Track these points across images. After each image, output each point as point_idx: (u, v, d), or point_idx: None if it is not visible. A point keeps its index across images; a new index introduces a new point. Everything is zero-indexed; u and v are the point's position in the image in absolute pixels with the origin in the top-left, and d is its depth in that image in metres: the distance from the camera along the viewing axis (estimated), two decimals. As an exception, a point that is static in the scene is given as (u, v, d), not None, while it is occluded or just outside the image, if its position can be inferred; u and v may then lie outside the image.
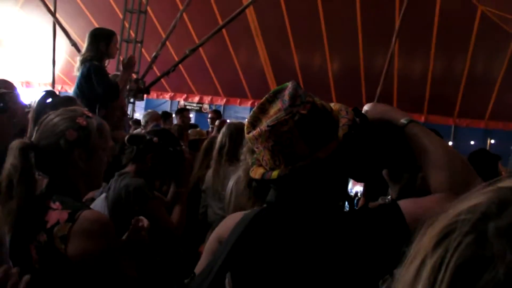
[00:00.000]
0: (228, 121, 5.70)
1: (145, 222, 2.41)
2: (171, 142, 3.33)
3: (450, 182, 1.47)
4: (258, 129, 1.53)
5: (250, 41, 15.08)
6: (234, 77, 16.13)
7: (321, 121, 1.51)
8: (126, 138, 3.36)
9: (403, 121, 1.61)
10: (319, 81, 15.62)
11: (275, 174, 1.52)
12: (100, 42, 5.47)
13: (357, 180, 1.77)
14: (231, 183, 2.89)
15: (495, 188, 0.61)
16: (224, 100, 16.99)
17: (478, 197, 0.61)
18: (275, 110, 1.52)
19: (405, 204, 1.48)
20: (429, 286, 0.57)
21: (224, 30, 11.44)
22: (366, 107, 1.70)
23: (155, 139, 3.29)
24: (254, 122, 1.57)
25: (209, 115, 10.87)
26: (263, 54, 15.50)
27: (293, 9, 14.37)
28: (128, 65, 5.88)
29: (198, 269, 1.66)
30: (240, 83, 16.31)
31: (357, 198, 7.09)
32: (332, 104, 1.64)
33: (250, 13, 14.01)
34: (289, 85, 1.56)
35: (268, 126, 1.50)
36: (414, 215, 1.42)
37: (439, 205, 1.31)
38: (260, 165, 1.60)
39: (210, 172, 4.27)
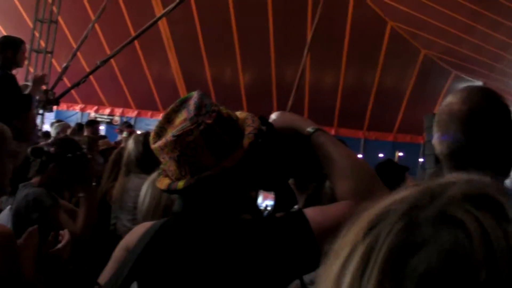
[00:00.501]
0: (138, 132, 5.63)
1: (65, 236, 2.37)
2: (69, 148, 3.35)
3: (355, 189, 1.50)
4: (163, 139, 1.52)
5: (162, 53, 15.02)
6: (145, 89, 15.98)
7: (227, 130, 1.52)
8: (29, 151, 3.33)
9: (309, 129, 1.64)
10: (231, 93, 15.74)
11: (180, 184, 1.52)
12: (8, 50, 5.38)
13: (265, 189, 1.79)
14: (142, 194, 2.86)
15: (425, 183, 0.63)
16: (136, 112, 16.77)
17: (406, 191, 0.63)
18: (181, 119, 1.52)
19: (310, 212, 1.50)
20: (358, 276, 0.58)
21: (136, 42, 11.32)
22: (273, 116, 1.71)
23: (51, 149, 3.32)
24: (160, 132, 1.57)
25: (119, 127, 10.69)
26: (175, 66, 15.45)
27: (205, 21, 14.44)
28: (40, 80, 5.83)
29: (104, 276, 1.67)
30: (152, 95, 16.16)
31: (267, 211, 7.14)
32: (238, 113, 1.65)
33: (163, 25, 13.96)
34: (195, 94, 1.57)
35: (173, 136, 1.49)
36: (319, 222, 1.45)
37: (344, 212, 1.38)
38: (167, 176, 1.59)
39: (118, 184, 4.20)
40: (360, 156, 17.96)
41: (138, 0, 13.51)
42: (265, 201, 7.95)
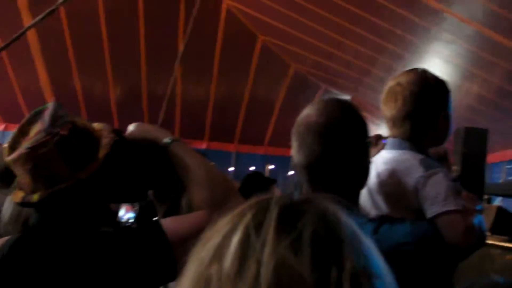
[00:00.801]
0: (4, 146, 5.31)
1: None
2: None
3: (211, 199, 1.54)
4: (17, 152, 1.49)
5: (31, 65, 14.34)
6: (13, 102, 15.09)
7: (83, 141, 1.51)
8: None
9: (166, 140, 1.66)
10: (101, 106, 15.35)
11: (35, 197, 1.50)
12: None
13: (124, 201, 1.80)
14: (5, 207, 2.73)
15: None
16: (3, 126, 15.78)
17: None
18: (35, 131, 1.50)
19: (167, 222, 1.53)
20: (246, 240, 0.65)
21: (3, 53, 10.67)
22: (130, 127, 1.71)
23: None
24: (14, 145, 1.54)
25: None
26: (44, 77, 14.79)
27: (76, 32, 13.99)
28: None
29: None
30: (20, 108, 15.30)
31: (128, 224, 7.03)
32: (95, 124, 1.64)
33: (32, 36, 13.35)
34: (50, 106, 1.55)
35: (27, 148, 1.47)
36: (175, 232, 1.48)
37: (200, 221, 1.44)
38: (21, 189, 1.55)
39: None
40: (232, 169, 18.30)
41: (6, 10, 12.80)
42: (127, 214, 7.81)
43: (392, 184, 1.89)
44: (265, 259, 0.61)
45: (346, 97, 16.87)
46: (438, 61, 12.79)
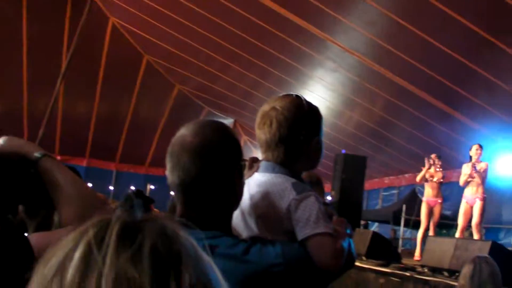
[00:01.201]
0: None
1: None
2: None
3: (79, 215, 1.53)
4: None
5: None
6: None
7: None
8: None
9: (36, 154, 1.63)
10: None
11: None
12: None
13: None
14: None
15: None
16: None
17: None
18: None
19: (34, 237, 1.51)
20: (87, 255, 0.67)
21: None
22: (0, 141, 1.68)
23: None
24: None
25: None
26: None
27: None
28: None
29: None
30: None
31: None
32: None
33: None
34: None
35: None
36: (42, 247, 1.43)
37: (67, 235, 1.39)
38: None
39: None
40: (111, 188, 17.94)
41: None
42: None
43: (265, 206, 1.91)
44: (105, 272, 0.64)
45: (229, 120, 17.20)
46: (321, 88, 13.31)
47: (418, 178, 9.75)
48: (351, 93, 13.12)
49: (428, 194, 9.51)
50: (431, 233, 9.31)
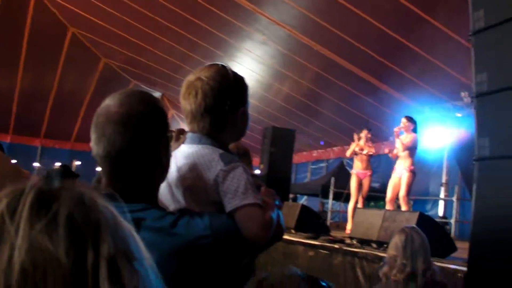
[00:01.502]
0: None
1: None
2: None
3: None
4: None
5: None
6: None
7: None
8: None
9: None
10: None
11: None
12: None
13: None
14: None
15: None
16: None
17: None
18: None
19: None
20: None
21: None
22: None
23: None
24: None
25: None
26: None
27: None
28: None
29: None
30: None
31: None
32: None
33: None
34: None
35: None
36: None
37: None
38: None
39: None
40: (37, 164, 17.29)
41: None
42: None
43: (192, 178, 1.89)
44: (18, 243, 0.63)
45: (157, 93, 16.97)
46: (250, 61, 13.12)
47: (348, 153, 9.70)
48: (280, 66, 13.00)
49: (358, 166, 9.47)
50: (360, 205, 9.30)
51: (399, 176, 8.30)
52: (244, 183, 1.82)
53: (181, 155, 1.95)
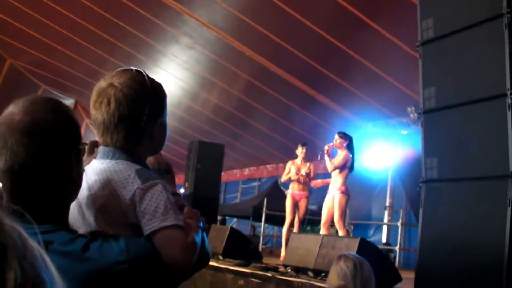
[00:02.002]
0: None
1: None
2: None
3: None
4: None
5: None
6: None
7: None
8: None
9: None
10: None
11: None
12: None
13: None
14: None
15: None
16: None
17: None
18: None
19: None
20: None
21: None
22: None
23: None
24: None
25: None
26: None
27: None
28: None
29: None
30: None
31: None
32: None
33: None
34: None
35: None
36: None
37: None
38: None
39: None
40: None
41: None
42: None
43: (105, 197, 1.87)
44: None
45: (69, 100, 16.63)
46: (176, 67, 13.04)
47: (283, 179, 9.78)
48: (208, 73, 12.99)
49: (294, 187, 9.54)
50: (295, 229, 9.37)
51: (332, 198, 8.45)
52: (164, 203, 1.81)
53: (92, 172, 1.93)
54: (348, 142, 8.54)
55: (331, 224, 8.63)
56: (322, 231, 8.41)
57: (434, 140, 4.30)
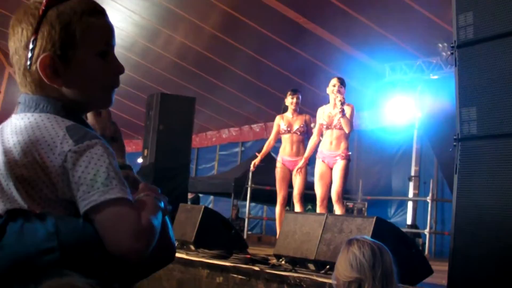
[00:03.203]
0: None
1: None
2: None
3: None
4: None
5: None
6: None
7: None
8: None
9: None
10: None
11: None
12: None
13: None
14: None
15: None
16: None
17: None
18: None
19: None
20: None
21: None
22: None
23: None
24: None
25: None
26: None
27: None
28: None
29: None
30: None
31: None
32: None
33: None
34: None
35: None
36: None
37: None
38: None
39: None
40: None
41: None
42: None
43: (27, 165, 1.84)
44: None
45: None
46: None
47: (269, 140, 9.73)
48: (172, 3, 12.87)
49: (285, 151, 9.45)
50: (297, 208, 9.29)
51: (328, 165, 8.45)
52: (106, 169, 1.80)
53: (10, 130, 1.93)
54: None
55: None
56: (319, 210, 8.43)
57: (472, 84, 4.27)
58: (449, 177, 10.76)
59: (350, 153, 8.53)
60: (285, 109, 9.58)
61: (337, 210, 8.36)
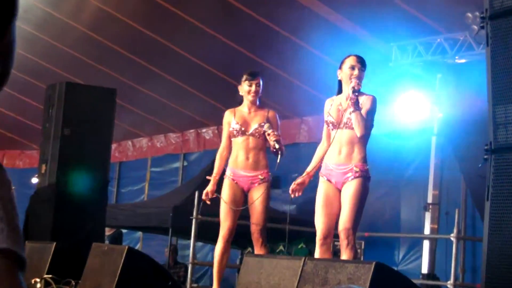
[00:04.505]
0: None
1: None
2: None
3: None
4: None
5: None
6: None
7: None
8: None
9: None
10: None
11: None
12: None
13: None
14: None
15: None
16: None
17: None
18: None
19: None
20: None
21: None
22: None
23: None
24: None
25: None
26: None
27: None
28: None
29: None
30: None
31: None
32: None
33: None
34: None
35: None
36: None
37: None
38: None
39: None
40: None
41: None
42: None
43: None
44: None
45: None
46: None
47: (220, 148, 9.33)
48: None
49: (238, 161, 8.93)
50: (258, 249, 8.92)
51: (336, 186, 8.13)
52: None
53: None
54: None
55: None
56: (318, 252, 8.18)
57: (511, 71, 4.29)
58: (482, 204, 10.71)
59: (368, 167, 7.98)
60: (240, 101, 9.20)
61: (344, 254, 7.96)
